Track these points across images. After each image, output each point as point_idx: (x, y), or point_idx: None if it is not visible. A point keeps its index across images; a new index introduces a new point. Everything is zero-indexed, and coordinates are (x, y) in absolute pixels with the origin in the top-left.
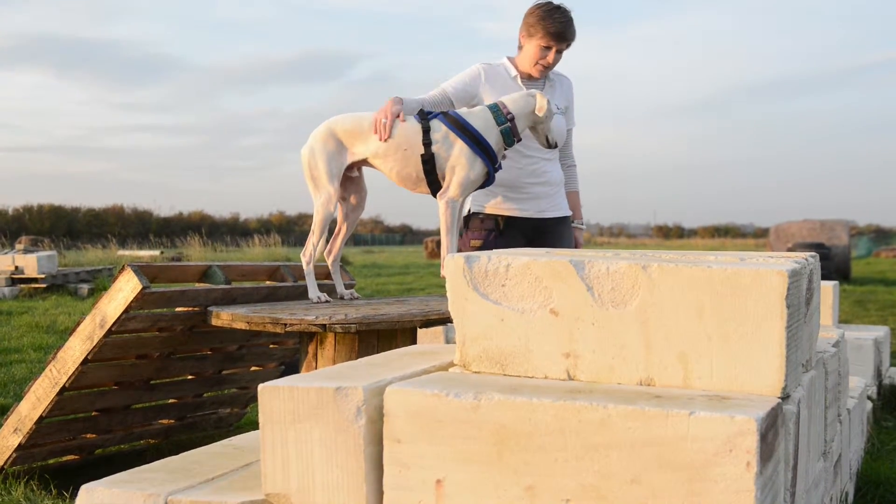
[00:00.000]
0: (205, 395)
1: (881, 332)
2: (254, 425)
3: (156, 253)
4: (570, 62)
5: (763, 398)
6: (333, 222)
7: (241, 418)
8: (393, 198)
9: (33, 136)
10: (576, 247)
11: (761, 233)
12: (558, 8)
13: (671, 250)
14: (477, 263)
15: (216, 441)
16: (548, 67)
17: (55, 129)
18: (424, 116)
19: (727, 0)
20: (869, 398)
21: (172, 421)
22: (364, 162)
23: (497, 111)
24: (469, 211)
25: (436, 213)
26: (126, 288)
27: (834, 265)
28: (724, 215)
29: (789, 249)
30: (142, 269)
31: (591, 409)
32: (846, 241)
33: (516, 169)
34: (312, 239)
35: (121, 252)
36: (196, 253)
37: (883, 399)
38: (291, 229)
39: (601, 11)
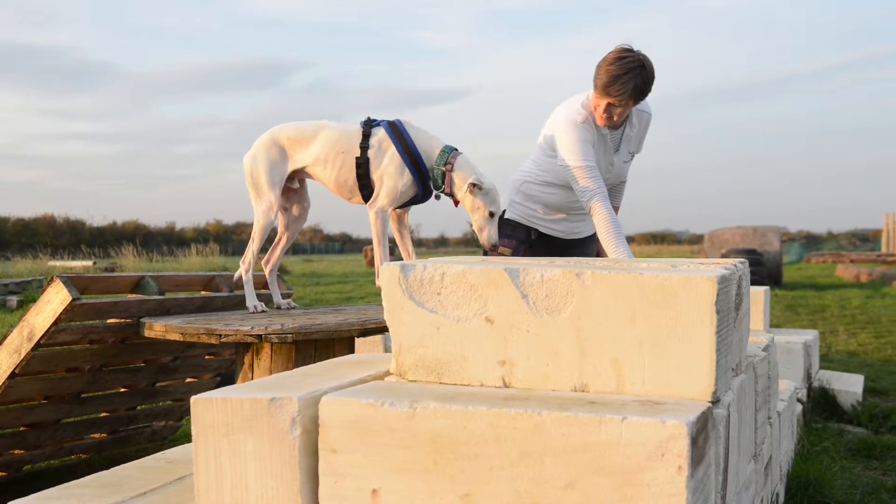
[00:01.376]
0: (138, 407)
1: (811, 335)
2: (189, 438)
3: (88, 263)
4: (512, 71)
5: (694, 402)
6: (273, 231)
7: (176, 431)
8: (332, 206)
9: None
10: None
11: (696, 239)
12: (624, 58)
13: (606, 257)
14: (413, 272)
15: (150, 455)
16: (607, 121)
17: None
18: (368, 123)
19: (661, 10)
20: (799, 400)
21: (104, 435)
22: (304, 171)
23: (445, 154)
24: (502, 214)
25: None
26: (55, 300)
27: (766, 270)
28: (660, 222)
29: (723, 255)
30: (72, 281)
31: (525, 416)
32: (778, 247)
33: (564, 197)
34: (252, 247)
35: (52, 263)
36: (130, 263)
37: (813, 401)
38: (229, 238)
39: (542, 20)
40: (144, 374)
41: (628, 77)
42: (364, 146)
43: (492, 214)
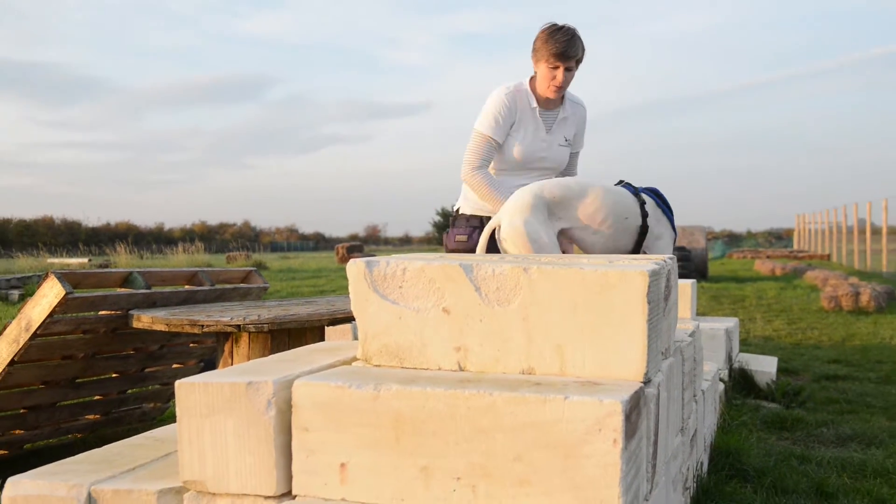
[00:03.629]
0: (128, 391)
1: (732, 322)
2: (175, 418)
3: (84, 260)
4: (468, 87)
5: (628, 383)
6: None
7: (164, 412)
8: (306, 207)
9: None
10: None
11: None
12: (560, 28)
13: (551, 254)
14: (377, 268)
15: (139, 434)
16: (561, 87)
17: None
18: (636, 192)
19: (604, 35)
20: (721, 380)
21: (98, 416)
22: (563, 233)
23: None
24: (457, 210)
25: (341, 223)
26: (50, 293)
27: (693, 265)
28: None
29: None
30: (65, 276)
31: (478, 396)
32: (704, 245)
33: (516, 186)
34: None
35: (51, 260)
36: (123, 260)
37: (733, 380)
38: (213, 237)
39: (495, 42)
40: (134, 360)
41: (574, 39)
42: (644, 213)
43: None
